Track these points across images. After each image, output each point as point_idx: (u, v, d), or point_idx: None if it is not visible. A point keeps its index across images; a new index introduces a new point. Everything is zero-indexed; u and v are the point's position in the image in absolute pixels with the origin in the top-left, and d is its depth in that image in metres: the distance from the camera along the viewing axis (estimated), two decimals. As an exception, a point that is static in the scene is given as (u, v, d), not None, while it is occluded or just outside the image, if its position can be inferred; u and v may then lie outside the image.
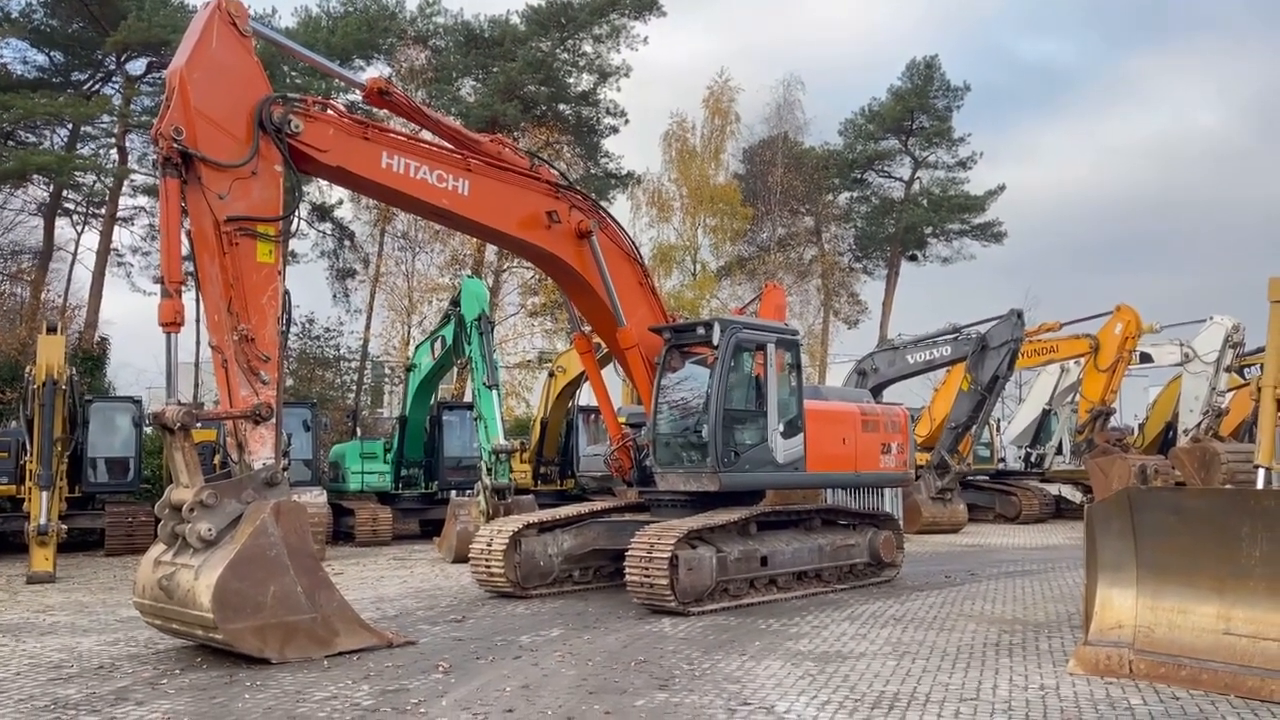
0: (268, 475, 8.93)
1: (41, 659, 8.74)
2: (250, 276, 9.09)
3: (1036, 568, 15.21)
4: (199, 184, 8.88)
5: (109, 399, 22.66)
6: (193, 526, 8.45)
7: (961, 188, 42.55)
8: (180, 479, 8.75)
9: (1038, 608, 11.08)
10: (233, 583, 8.21)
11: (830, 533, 12.86)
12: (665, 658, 8.49)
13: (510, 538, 11.98)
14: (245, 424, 9.01)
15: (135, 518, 19.27)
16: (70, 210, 33.02)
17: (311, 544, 8.95)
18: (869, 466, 13.41)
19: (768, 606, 11.29)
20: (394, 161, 10.12)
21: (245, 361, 9.04)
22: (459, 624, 10.36)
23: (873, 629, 9.83)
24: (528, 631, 9.82)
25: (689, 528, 10.81)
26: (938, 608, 11.17)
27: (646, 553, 10.63)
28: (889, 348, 24.67)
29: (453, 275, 35.16)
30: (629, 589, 10.79)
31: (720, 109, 35.79)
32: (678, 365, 12.31)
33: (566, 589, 12.62)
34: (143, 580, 8.90)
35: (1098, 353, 24.55)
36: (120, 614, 11.36)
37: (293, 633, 8.52)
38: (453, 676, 7.84)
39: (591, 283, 11.87)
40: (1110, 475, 23.47)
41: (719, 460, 11.46)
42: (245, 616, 8.25)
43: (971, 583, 13.40)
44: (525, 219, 11.28)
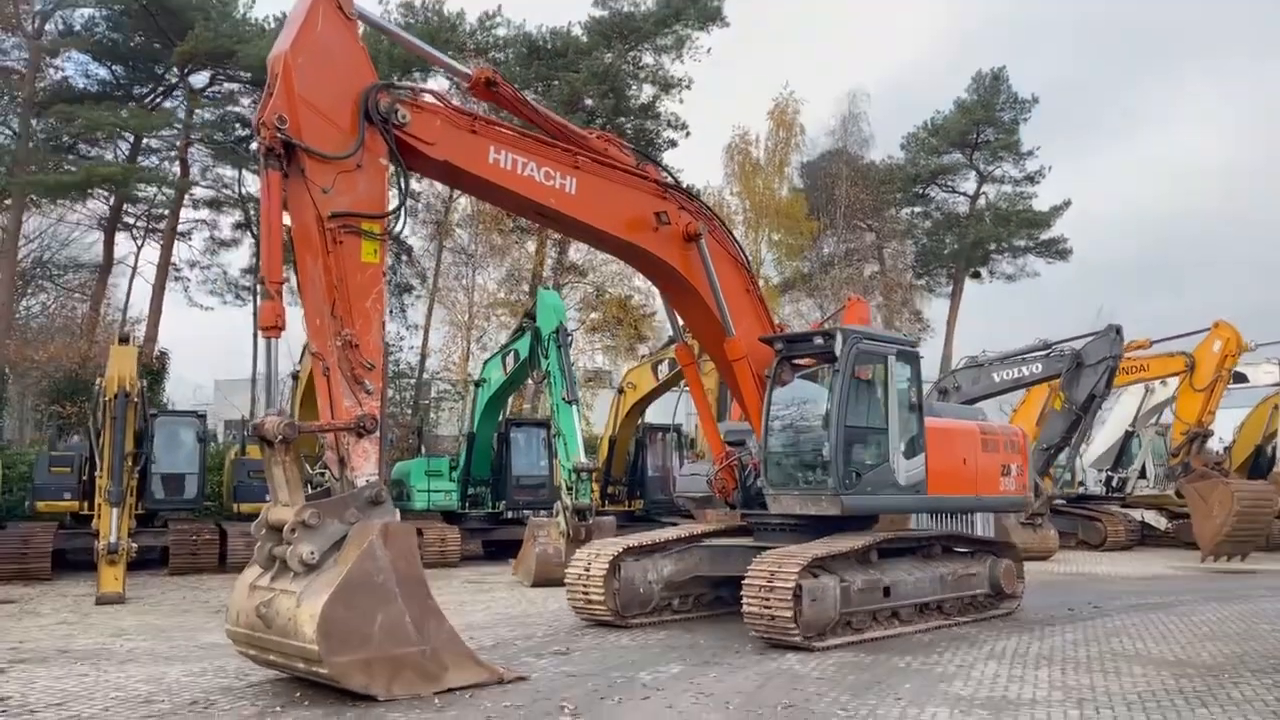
0: (372, 493, 8.20)
1: (128, 691, 8.05)
2: (354, 277, 8.40)
3: (1160, 600, 14.14)
4: (302, 177, 8.21)
5: (173, 413, 22.22)
6: (294, 549, 7.73)
7: (1029, 203, 41.41)
8: (279, 497, 8.04)
9: (1196, 647, 10.06)
10: (339, 611, 7.47)
11: (951, 561, 11.92)
12: (811, 701, 7.63)
13: (610, 563, 11.18)
14: (348, 437, 8.29)
15: (200, 535, 18.75)
16: (130, 224, 32.90)
17: (420, 569, 8.19)
18: (989, 490, 12.47)
19: (894, 641, 10.39)
20: (501, 157, 9.43)
21: (349, 369, 8.33)
22: (565, 656, 9.57)
23: (1026, 670, 8.90)
24: (644, 667, 9.00)
25: (812, 555, 9.94)
26: (1082, 646, 10.20)
27: (767, 582, 9.78)
28: (973, 364, 23.60)
29: (509, 290, 34.64)
30: (746, 620, 9.93)
31: (785, 121, 35.02)
32: (789, 378, 11.48)
33: (666, 618, 11.79)
34: (237, 606, 8.19)
35: (1194, 371, 23.31)
36: (201, 640, 10.69)
37: (400, 667, 7.77)
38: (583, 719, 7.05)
39: (698, 289, 11.08)
40: (1210, 501, 22.27)
41: (840, 481, 10.60)
42: (352, 649, 7.51)
43: (1100, 617, 12.37)
44: (632, 220, 10.53)
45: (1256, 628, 11.36)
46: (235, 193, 32.13)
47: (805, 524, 11.45)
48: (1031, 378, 22.18)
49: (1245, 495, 21.83)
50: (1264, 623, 11.75)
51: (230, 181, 32.27)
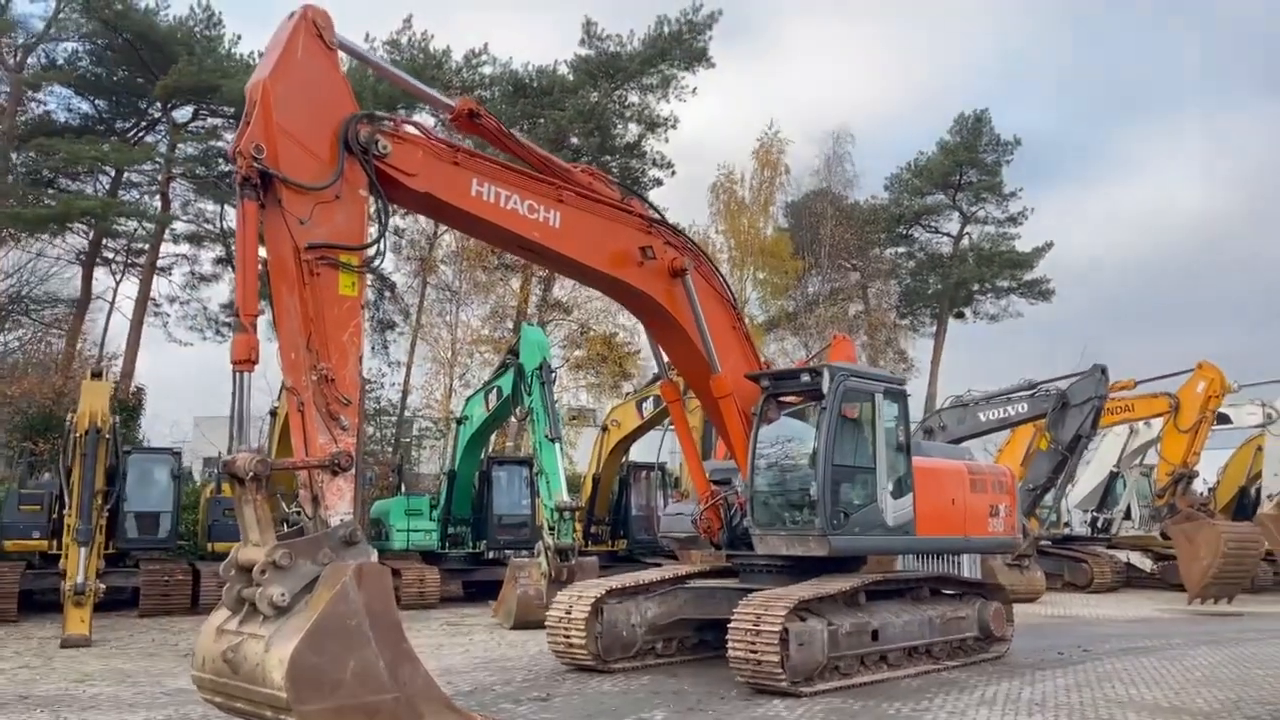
0: (346, 533, 7.91)
1: (87, 740, 7.72)
2: (331, 310, 8.18)
3: (1150, 644, 13.91)
4: (279, 207, 8.00)
5: (147, 450, 21.84)
6: (263, 591, 7.42)
7: (1011, 243, 41.65)
8: (250, 536, 7.75)
9: (1190, 693, 9.84)
10: (309, 657, 7.16)
11: (939, 604, 11.70)
12: (799, 750, 7.37)
13: (592, 605, 10.90)
14: (322, 475, 8.02)
15: (172, 576, 18.33)
16: (109, 259, 32.59)
17: (395, 612, 7.89)
18: (978, 530, 12.27)
19: (882, 687, 10.14)
20: (484, 189, 9.27)
21: (324, 405, 8.08)
22: (544, 703, 9.27)
23: (1019, 717, 8.66)
24: (626, 715, 8.72)
25: (799, 597, 9.70)
26: (1075, 692, 9.96)
27: (753, 625, 9.53)
28: (959, 404, 23.51)
29: (494, 328, 34.45)
30: (731, 665, 9.66)
31: (770, 160, 35.19)
32: (775, 416, 11.29)
33: (650, 662, 11.48)
34: (203, 651, 7.86)
35: (1178, 412, 23.30)
36: (167, 685, 10.34)
37: (374, 715, 7.43)
38: (563, 771, 6.75)
39: (684, 325, 10.90)
40: (1196, 543, 22.13)
41: (828, 522, 10.38)
42: (322, 696, 7.19)
43: (1090, 660, 12.14)
44: (616, 254, 10.36)
45: (1251, 673, 11.15)
46: (217, 227, 31.96)
47: (791, 565, 11.21)
48: (1017, 417, 22.11)
49: (1232, 537, 21.70)
50: (1258, 668, 11.54)
51: (212, 216, 32.14)
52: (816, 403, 10.90)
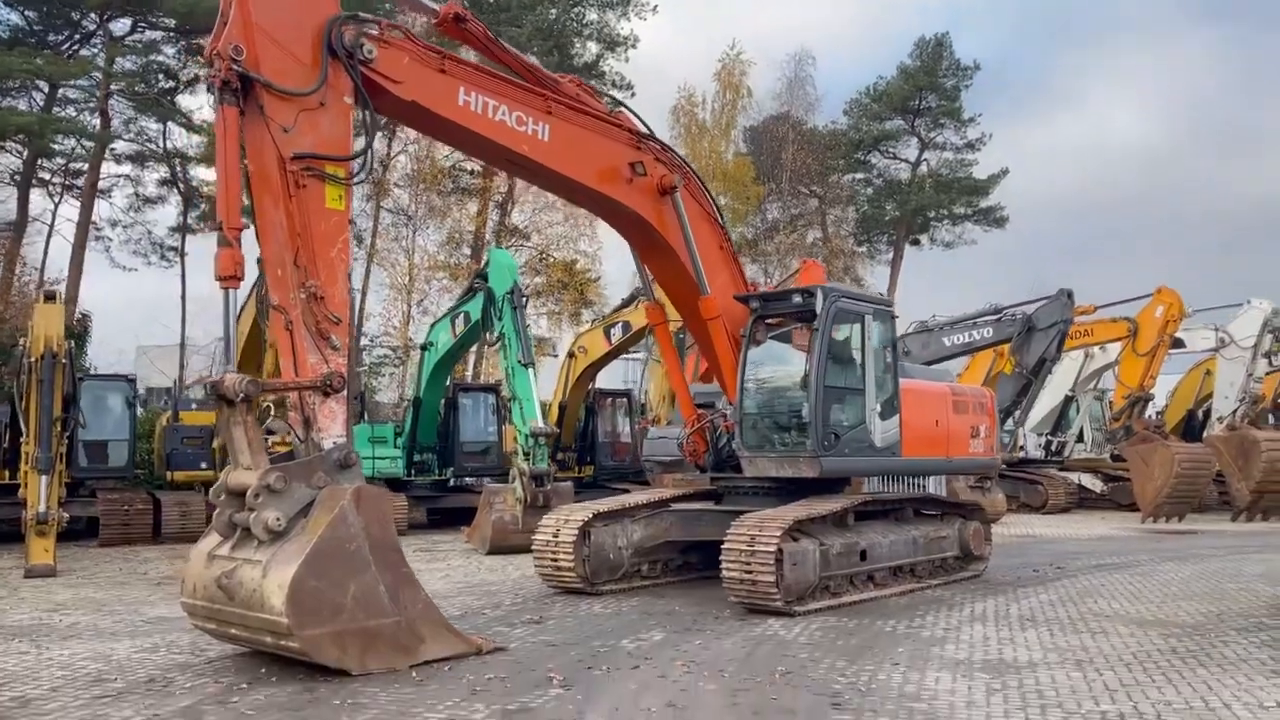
0: (341, 456, 7.68)
1: (75, 669, 7.45)
2: (318, 225, 7.82)
3: (1119, 561, 14.21)
4: (260, 114, 7.58)
5: (100, 377, 21.09)
6: (258, 515, 7.18)
7: (969, 170, 41.69)
8: (240, 460, 7.47)
9: (1171, 607, 10.03)
10: (309, 581, 6.96)
11: (923, 524, 11.78)
12: (807, 668, 7.35)
13: (579, 529, 10.79)
14: (313, 396, 7.74)
15: (132, 506, 17.87)
16: (46, 180, 31.24)
17: (395, 535, 7.71)
18: (959, 452, 12.34)
19: (871, 606, 10.19)
20: (472, 99, 8.86)
21: (314, 324, 7.77)
22: (539, 625, 9.17)
23: (1013, 632, 8.74)
24: (624, 635, 8.64)
25: (794, 518, 9.66)
26: (1060, 606, 10.11)
27: (747, 546, 9.48)
28: (923, 329, 23.60)
29: (449, 253, 33.83)
30: (725, 586, 9.63)
31: (732, 82, 34.61)
32: (763, 338, 11.15)
33: (636, 584, 11.44)
34: (194, 577, 7.62)
35: (1136, 336, 23.62)
36: (146, 613, 10.06)
37: (374, 639, 7.29)
38: (576, 692, 6.66)
39: (672, 244, 10.66)
40: (1151, 464, 22.63)
41: (819, 443, 10.33)
42: (323, 621, 7.02)
43: (1066, 578, 12.35)
44: (606, 170, 10.05)
45: (1223, 587, 11.42)
46: (160, 147, 30.72)
47: (777, 487, 11.20)
48: (982, 342, 22.27)
49: (1185, 458, 22.22)
50: (1228, 581, 11.83)
51: (154, 136, 30.84)
52: (807, 324, 10.77)
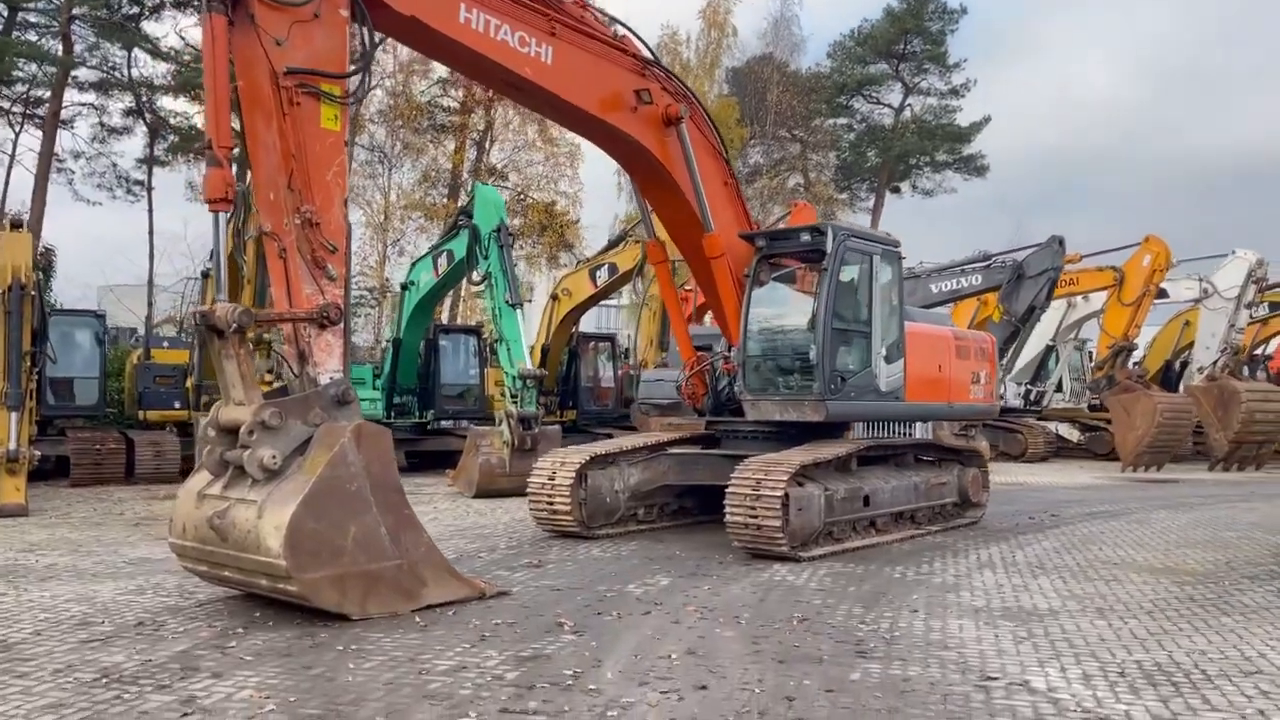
0: (338, 392, 7.30)
1: (58, 612, 7.08)
2: (314, 146, 7.34)
3: (1111, 509, 14.17)
4: (252, 24, 7.07)
5: (69, 313, 20.45)
6: (253, 453, 6.80)
7: (953, 117, 41.26)
8: (233, 394, 7.07)
9: (1176, 555, 9.94)
10: (308, 523, 6.62)
11: (922, 470, 11.61)
12: (824, 615, 7.13)
13: (576, 472, 10.50)
14: (309, 329, 7.33)
15: (104, 445, 17.38)
16: (6, 109, 30.09)
17: (397, 475, 7.36)
18: (960, 398, 12.13)
19: (874, 552, 10.02)
20: (473, 16, 8.36)
21: (309, 251, 7.33)
22: (539, 570, 8.90)
23: (1025, 579, 8.58)
24: (629, 580, 8.39)
25: (800, 462, 9.41)
26: (1066, 554, 9.98)
27: (752, 491, 9.22)
28: (910, 275, 23.28)
29: (425, 192, 33.08)
30: (729, 530, 9.38)
31: (717, 21, 33.78)
32: (767, 278, 10.82)
33: (632, 529, 11.20)
34: (183, 518, 7.25)
35: (1122, 286, 23.59)
36: (126, 554, 9.68)
37: (375, 582, 6.98)
38: (589, 638, 6.39)
39: (676, 178, 10.25)
40: (1133, 413, 22.72)
41: (826, 386, 10.06)
42: (322, 564, 6.69)
43: (1063, 525, 12.26)
44: (610, 97, 9.61)
45: (1221, 535, 11.37)
46: (125, 75, 29.60)
47: (777, 431, 10.95)
48: (971, 289, 22.04)
49: (1167, 408, 22.33)
50: (1225, 530, 11.79)
51: (119, 62, 29.69)
52: (814, 264, 10.45)
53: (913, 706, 5.02)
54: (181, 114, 29.61)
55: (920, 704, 5.07)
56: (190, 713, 4.90)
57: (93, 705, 4.99)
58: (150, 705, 4.99)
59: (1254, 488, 18.44)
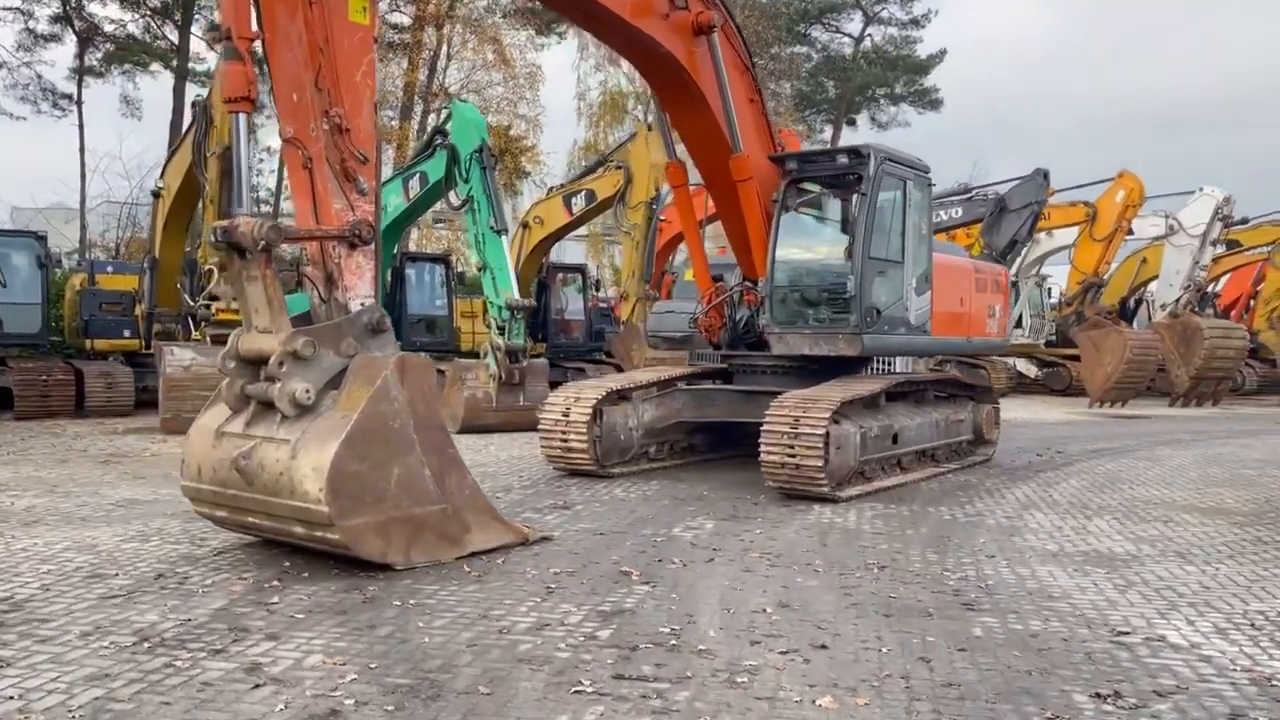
0: (372, 319, 6.58)
1: (61, 562, 6.33)
2: (343, 40, 6.52)
3: (1109, 446, 14.04)
4: (274, -101, 6.17)
5: (5, 234, 19.08)
6: (284, 386, 6.09)
7: (914, 48, 40.66)
8: (256, 321, 6.31)
9: (1211, 494, 9.76)
10: (350, 464, 5.95)
11: (942, 406, 11.24)
12: (898, 561, 6.71)
13: (593, 408, 9.91)
14: (339, 248, 6.58)
15: (51, 375, 16.29)
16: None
17: (440, 412, 6.71)
18: (979, 331, 11.79)
19: (903, 491, 9.66)
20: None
21: (338, 160, 6.54)
22: (570, 512, 8.35)
23: (1080, 521, 8.26)
24: (671, 523, 7.89)
25: (840, 399, 8.94)
26: (1097, 493, 9.73)
27: (790, 429, 8.74)
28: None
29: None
30: (765, 470, 8.91)
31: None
32: (794, 204, 10.23)
33: (644, 466, 10.70)
34: (198, 458, 6.52)
35: (1094, 222, 23.47)
36: (108, 495, 8.90)
37: (419, 529, 6.36)
38: (666, 590, 5.88)
39: (704, 92, 9.55)
40: (1103, 349, 22.78)
41: (863, 319, 9.57)
42: (364, 509, 6.04)
43: (1075, 463, 12.06)
44: (641, 1, 8.84)
45: (1240, 473, 11.27)
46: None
47: (795, 367, 10.51)
48: (951, 222, 21.68)
49: (1136, 344, 22.41)
50: (1241, 468, 11.70)
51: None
52: (848, 188, 9.88)
53: (1062, 668, 4.60)
54: (117, 21, 27.68)
55: (1068, 664, 4.66)
56: (261, 683, 4.27)
57: (144, 676, 4.32)
58: (211, 675, 4.35)
59: (1231, 424, 18.60)
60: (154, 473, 10.31)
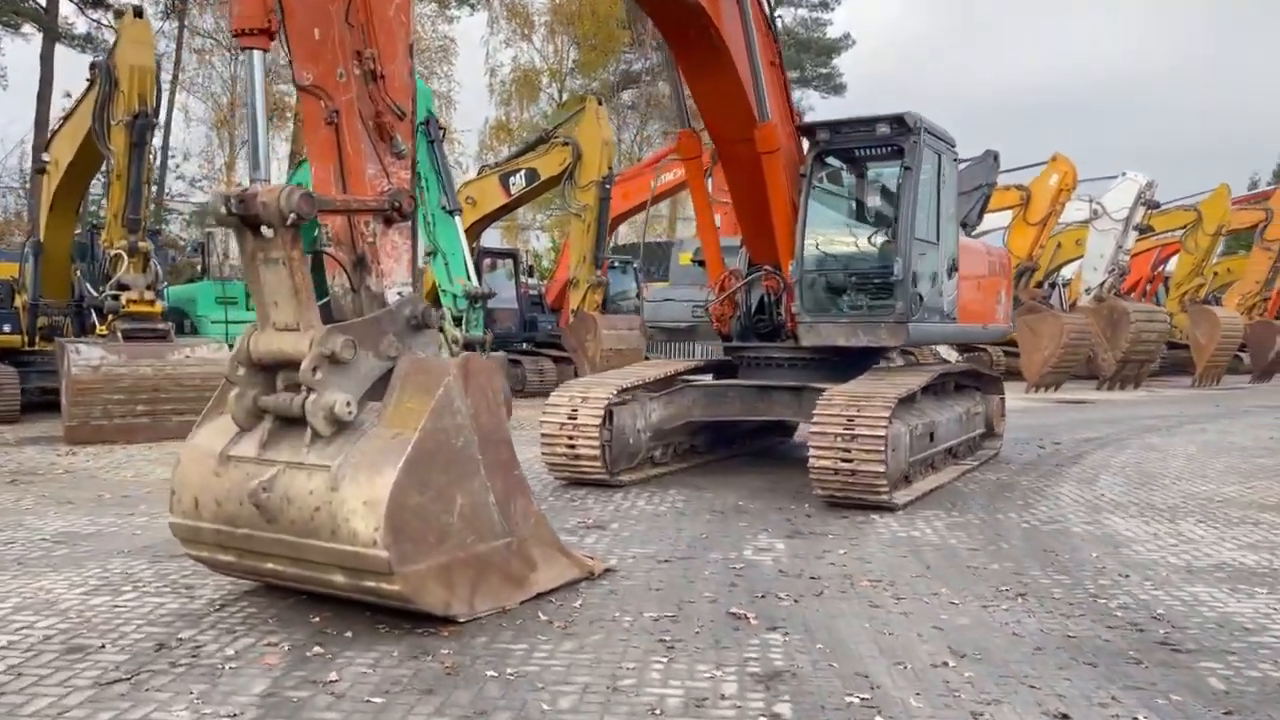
0: (415, 312, 5.32)
1: (23, 632, 4.86)
2: (373, -32, 5.22)
3: (1097, 435, 13.60)
4: None
5: None
6: (320, 399, 4.80)
7: (824, 30, 40.33)
8: (276, 315, 4.99)
9: (1260, 488, 9.29)
10: (411, 495, 4.72)
11: (961, 399, 10.51)
12: (1029, 584, 5.85)
13: (604, 410, 8.78)
14: (373, 224, 5.30)
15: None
16: None
17: (506, 424, 5.49)
18: (990, 318, 11.10)
19: (944, 495, 8.85)
20: None
21: (371, 115, 5.25)
22: (605, 531, 7.24)
23: (1165, 525, 7.58)
24: (730, 544, 6.87)
25: (896, 396, 8.04)
26: (1142, 491, 9.14)
27: (845, 429, 7.80)
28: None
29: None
30: (815, 476, 7.94)
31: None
32: (826, 179, 9.29)
33: (650, 473, 9.63)
34: (196, 488, 5.15)
35: (1028, 205, 23.37)
36: (36, 527, 7.33)
37: (483, 570, 5.16)
38: (800, 636, 4.85)
39: (731, 51, 8.50)
40: (1039, 332, 22.69)
41: (910, 305, 8.69)
42: (428, 551, 4.82)
43: (1084, 455, 11.54)
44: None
45: (1255, 462, 10.94)
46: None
47: (812, 359, 9.61)
48: (897, 205, 21.21)
49: (1073, 328, 22.40)
50: (1253, 456, 11.36)
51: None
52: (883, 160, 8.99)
53: (1366, 732, 3.77)
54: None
55: (1368, 726, 3.83)
56: (387, 823, 3.06)
57: (215, 820, 3.06)
58: (311, 813, 3.12)
59: (1176, 408, 18.60)
60: (80, 495, 8.71)
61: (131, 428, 12.13)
